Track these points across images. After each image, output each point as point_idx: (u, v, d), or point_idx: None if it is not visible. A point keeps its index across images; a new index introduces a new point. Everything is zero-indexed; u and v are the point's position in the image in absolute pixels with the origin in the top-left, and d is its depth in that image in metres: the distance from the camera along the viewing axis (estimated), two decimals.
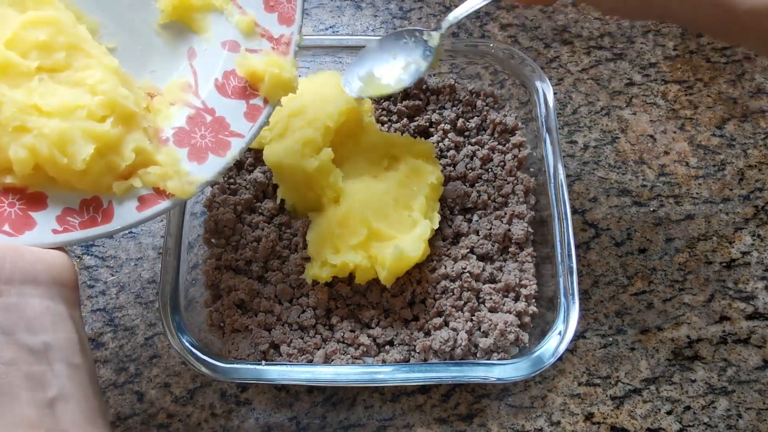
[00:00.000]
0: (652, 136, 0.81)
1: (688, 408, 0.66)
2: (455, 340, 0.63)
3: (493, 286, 0.66)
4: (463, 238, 0.69)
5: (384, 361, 0.63)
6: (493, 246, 0.68)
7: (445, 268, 0.67)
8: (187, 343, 0.59)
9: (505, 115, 0.75)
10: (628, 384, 0.67)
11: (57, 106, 0.46)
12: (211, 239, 0.69)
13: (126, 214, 0.49)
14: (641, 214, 0.76)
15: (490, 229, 0.69)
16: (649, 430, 0.65)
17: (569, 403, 0.66)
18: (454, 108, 0.76)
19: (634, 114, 0.82)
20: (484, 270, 0.67)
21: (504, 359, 0.62)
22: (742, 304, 0.71)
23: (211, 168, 0.52)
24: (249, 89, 0.54)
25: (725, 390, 0.67)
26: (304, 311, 0.65)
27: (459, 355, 0.63)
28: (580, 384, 0.67)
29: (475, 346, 0.64)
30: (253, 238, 0.68)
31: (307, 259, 0.66)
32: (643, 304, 0.71)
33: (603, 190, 0.77)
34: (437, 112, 0.76)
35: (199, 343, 0.60)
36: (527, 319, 0.65)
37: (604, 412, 0.65)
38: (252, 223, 0.69)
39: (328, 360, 0.62)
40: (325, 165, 0.65)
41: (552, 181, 0.67)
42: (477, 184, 0.72)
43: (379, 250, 0.63)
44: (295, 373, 0.59)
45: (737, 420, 0.65)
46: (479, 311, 0.65)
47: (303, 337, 0.64)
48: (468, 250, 0.68)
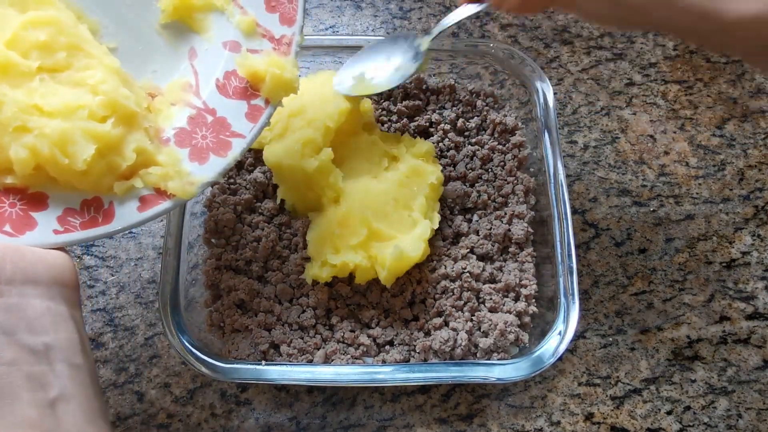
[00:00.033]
0: (652, 136, 0.81)
1: (688, 408, 0.66)
2: (455, 340, 0.63)
3: (493, 286, 0.66)
4: (463, 238, 0.69)
5: (384, 361, 0.63)
6: (493, 246, 0.68)
7: (445, 268, 0.67)
8: (187, 343, 0.59)
9: (505, 115, 0.75)
10: (628, 384, 0.67)
11: (58, 107, 0.46)
12: (211, 239, 0.69)
13: (127, 214, 0.49)
14: (641, 214, 0.76)
15: (490, 229, 0.69)
16: (649, 430, 0.65)
17: (569, 403, 0.66)
18: (454, 108, 0.76)
19: (634, 114, 0.82)
20: (484, 270, 0.67)
21: (504, 359, 0.62)
22: (742, 304, 0.71)
23: (213, 168, 0.52)
24: (250, 89, 0.54)
25: (725, 390, 0.67)
26: (304, 311, 0.65)
27: (459, 355, 0.63)
28: (580, 384, 0.67)
29: (475, 346, 0.64)
30: (253, 238, 0.68)
31: (307, 259, 0.66)
32: (643, 304, 0.71)
33: (603, 190, 0.77)
34: (437, 112, 0.76)
35: (199, 343, 0.60)
36: (527, 319, 0.65)
37: (604, 412, 0.66)
38: (252, 223, 0.69)
39: (328, 360, 0.62)
40: (325, 165, 0.65)
41: (552, 181, 0.67)
42: (477, 184, 0.72)
43: (379, 250, 0.63)
44: (295, 373, 0.59)
45: (737, 420, 0.65)
46: (479, 311, 0.65)
47: (303, 337, 0.64)
48: (468, 250, 0.68)
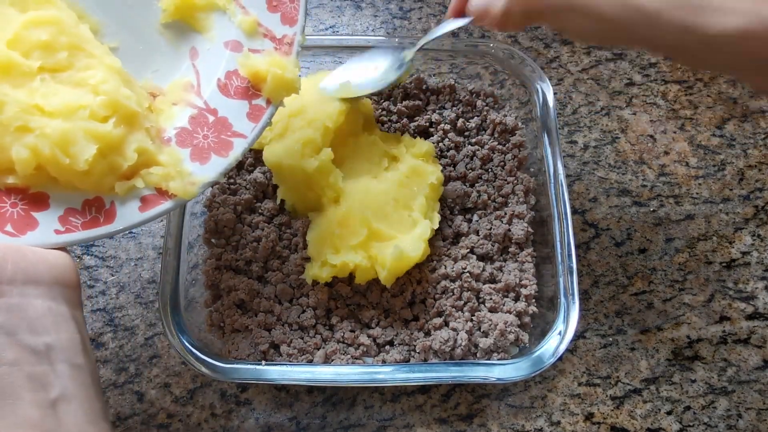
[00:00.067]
0: (652, 136, 0.81)
1: (688, 408, 0.66)
2: (455, 340, 0.63)
3: (493, 286, 0.66)
4: (463, 238, 0.69)
5: (384, 361, 0.63)
6: (493, 246, 0.68)
7: (445, 268, 0.67)
8: (187, 343, 0.59)
9: (505, 115, 0.75)
10: (628, 384, 0.67)
11: (59, 107, 0.46)
12: (211, 239, 0.69)
13: (128, 214, 0.49)
14: (641, 214, 0.76)
15: (490, 229, 0.69)
16: (649, 430, 0.65)
17: (569, 403, 0.66)
18: (454, 108, 0.76)
19: (634, 114, 0.82)
20: (484, 270, 0.67)
21: (504, 359, 0.62)
22: (742, 304, 0.71)
23: (214, 168, 0.52)
24: (252, 89, 0.54)
25: (725, 390, 0.67)
26: (304, 311, 0.65)
27: (459, 355, 0.63)
28: (580, 384, 0.67)
29: (475, 346, 0.64)
30: (253, 238, 0.68)
31: (307, 259, 0.66)
32: (643, 304, 0.71)
33: (603, 190, 0.77)
34: (437, 112, 0.76)
35: (199, 343, 0.60)
36: (527, 319, 0.65)
37: (604, 412, 0.66)
38: (252, 223, 0.69)
39: (328, 360, 0.62)
40: (325, 165, 0.65)
41: (552, 181, 0.67)
42: (477, 184, 0.72)
43: (379, 250, 0.63)
44: (295, 373, 0.59)
45: (737, 420, 0.65)
46: (479, 311, 0.65)
47: (303, 337, 0.64)
48: (468, 250, 0.68)
